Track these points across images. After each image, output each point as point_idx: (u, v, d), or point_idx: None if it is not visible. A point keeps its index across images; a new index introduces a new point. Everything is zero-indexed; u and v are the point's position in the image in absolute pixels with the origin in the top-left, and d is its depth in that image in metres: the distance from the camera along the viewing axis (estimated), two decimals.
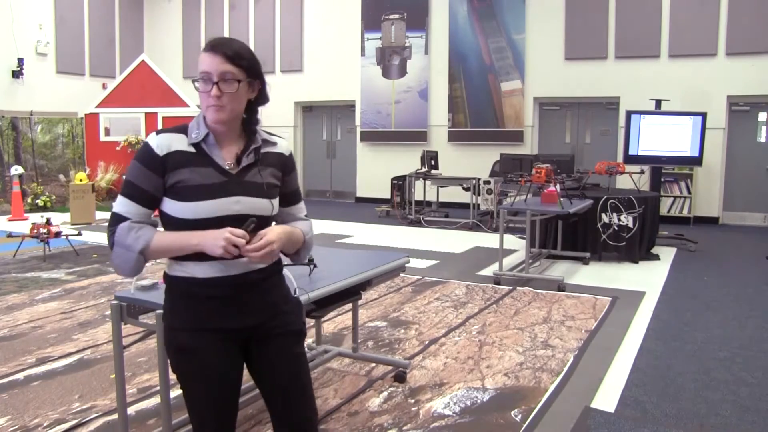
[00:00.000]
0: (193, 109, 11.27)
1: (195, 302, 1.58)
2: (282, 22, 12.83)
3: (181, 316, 1.60)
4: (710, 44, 9.23)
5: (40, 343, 3.87)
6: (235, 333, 1.61)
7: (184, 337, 1.59)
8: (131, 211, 1.54)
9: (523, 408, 2.94)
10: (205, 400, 1.62)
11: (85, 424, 2.76)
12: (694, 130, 7.72)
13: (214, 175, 1.55)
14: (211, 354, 1.58)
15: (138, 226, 1.54)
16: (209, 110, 1.56)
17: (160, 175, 1.54)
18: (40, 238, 6.43)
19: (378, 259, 3.05)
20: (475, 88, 10.94)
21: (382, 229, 8.81)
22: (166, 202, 1.56)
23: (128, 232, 1.52)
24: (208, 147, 1.58)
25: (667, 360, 3.62)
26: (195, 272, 1.57)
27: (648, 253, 6.66)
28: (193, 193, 1.53)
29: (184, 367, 1.61)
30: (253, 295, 1.62)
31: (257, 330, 1.64)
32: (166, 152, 1.54)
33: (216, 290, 1.57)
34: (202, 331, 1.58)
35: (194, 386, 1.62)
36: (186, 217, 1.54)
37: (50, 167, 11.55)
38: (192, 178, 1.53)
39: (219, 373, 1.61)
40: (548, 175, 5.39)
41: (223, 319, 1.59)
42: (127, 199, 1.55)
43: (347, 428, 2.73)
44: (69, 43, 12.88)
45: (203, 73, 1.55)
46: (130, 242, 1.51)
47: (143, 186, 1.54)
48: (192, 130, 1.58)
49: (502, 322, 4.35)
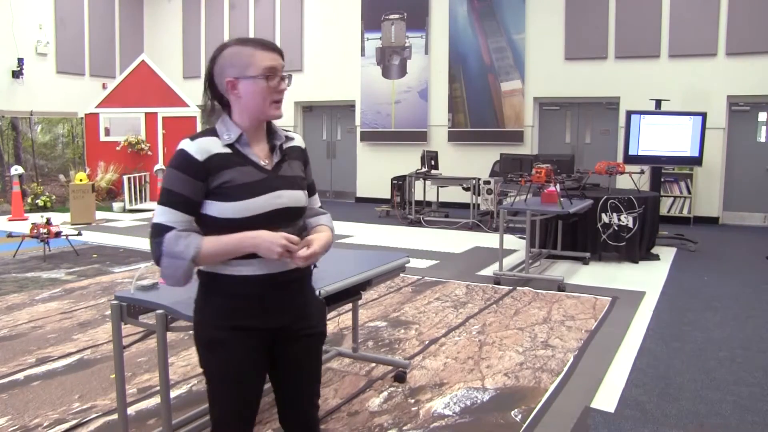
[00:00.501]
0: (193, 108, 11.28)
1: (231, 299, 1.59)
2: (282, 22, 12.83)
3: (215, 312, 1.60)
4: (710, 44, 9.23)
5: (40, 343, 3.87)
6: (265, 332, 1.63)
7: (215, 332, 1.59)
8: (175, 220, 1.52)
9: (523, 408, 2.94)
10: (228, 395, 1.63)
11: (85, 424, 2.76)
12: (694, 130, 7.72)
13: (254, 172, 1.57)
14: (239, 351, 1.60)
15: (185, 233, 1.52)
16: (273, 106, 1.59)
17: (202, 179, 1.53)
18: (40, 238, 6.43)
19: (378, 259, 3.05)
20: (475, 88, 10.94)
21: (382, 229, 8.81)
22: (211, 205, 1.54)
23: (177, 241, 1.50)
24: (242, 146, 1.59)
25: (667, 360, 3.62)
26: (239, 271, 1.57)
27: (648, 253, 6.66)
28: (240, 191, 1.53)
29: (212, 362, 1.62)
30: (288, 295, 1.64)
31: (285, 330, 1.66)
32: (206, 156, 1.54)
33: (255, 288, 1.58)
34: (234, 328, 1.59)
35: (219, 381, 1.63)
36: (236, 217, 1.53)
37: (50, 167, 11.55)
38: (237, 178, 1.54)
39: (244, 370, 1.62)
40: (548, 175, 5.39)
41: (257, 317, 1.60)
42: (169, 207, 1.53)
43: (347, 428, 2.73)
44: (69, 43, 12.88)
45: (270, 68, 1.55)
46: (180, 250, 1.50)
47: (185, 193, 1.52)
48: (222, 133, 1.58)
49: (502, 322, 4.35)
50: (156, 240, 1.52)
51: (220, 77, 1.61)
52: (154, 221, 1.54)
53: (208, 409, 1.64)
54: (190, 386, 3.21)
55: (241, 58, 1.56)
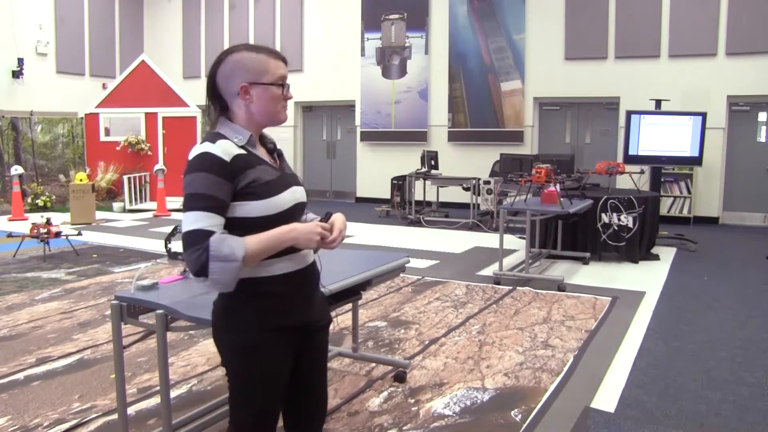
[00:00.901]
0: (193, 108, 11.28)
1: (261, 302, 1.59)
2: (282, 22, 12.83)
3: (252, 314, 1.59)
4: (710, 44, 9.23)
5: (40, 343, 3.87)
6: (298, 329, 1.66)
7: (253, 335, 1.59)
8: (214, 224, 1.49)
9: (523, 408, 2.94)
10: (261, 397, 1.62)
11: (85, 424, 2.76)
12: (694, 130, 7.72)
13: (271, 171, 1.61)
14: (277, 351, 1.61)
15: (227, 236, 1.50)
16: (282, 112, 1.66)
17: (231, 180, 1.52)
18: (40, 238, 6.43)
19: (378, 259, 3.05)
20: (475, 88, 10.94)
21: (382, 229, 8.81)
22: (240, 206, 1.54)
23: (222, 244, 1.47)
24: (252, 148, 1.62)
25: (667, 360, 3.62)
26: (270, 270, 1.58)
27: (648, 253, 6.66)
28: (268, 189, 1.56)
29: (247, 365, 1.61)
30: (312, 289, 1.70)
31: (310, 325, 1.71)
32: (231, 157, 1.54)
33: (290, 286, 1.61)
34: (273, 329, 1.60)
35: (254, 383, 1.61)
36: (268, 214, 1.55)
37: (50, 167, 11.55)
38: (262, 176, 1.56)
39: (282, 370, 1.64)
40: (548, 175, 5.39)
41: (286, 317, 1.62)
42: (204, 212, 1.48)
43: (347, 428, 2.73)
44: (69, 43, 12.88)
45: (282, 77, 1.63)
46: (228, 252, 1.46)
47: (219, 195, 1.50)
48: (232, 136, 1.59)
49: (502, 322, 4.35)
50: (197, 247, 1.46)
51: (226, 80, 1.61)
52: (189, 229, 1.48)
53: (208, 408, 1.65)
54: (190, 386, 3.21)
55: (256, 65, 1.60)
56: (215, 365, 3.50)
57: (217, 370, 3.43)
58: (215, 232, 1.48)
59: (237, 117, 1.62)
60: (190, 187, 1.51)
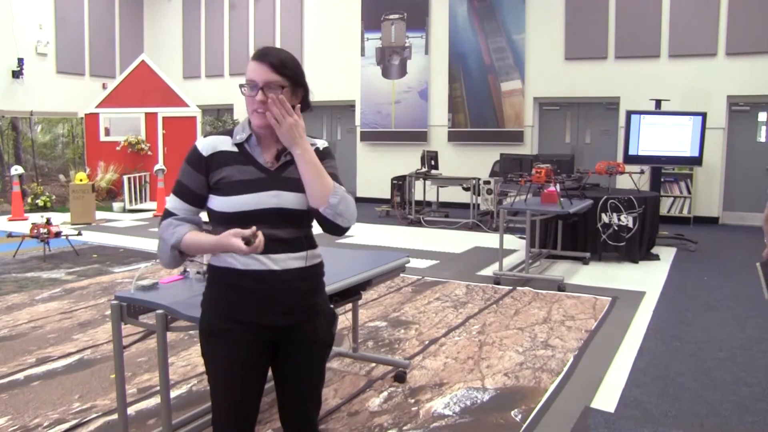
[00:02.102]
0: (193, 108, 11.28)
1: (231, 292, 1.65)
2: (282, 22, 12.83)
3: (217, 303, 1.68)
4: (710, 44, 9.23)
5: (40, 343, 3.87)
6: (265, 330, 1.66)
7: (214, 321, 1.67)
8: (178, 207, 1.68)
9: (523, 408, 2.94)
10: (222, 389, 1.68)
11: (85, 424, 2.76)
12: (694, 130, 7.72)
13: (254, 172, 1.65)
14: (234, 343, 1.65)
15: (177, 222, 1.66)
16: (254, 115, 1.65)
17: (204, 173, 1.66)
18: (40, 238, 6.43)
19: (378, 259, 3.05)
20: (475, 88, 10.94)
21: (382, 229, 8.81)
22: (211, 199, 1.66)
23: (167, 228, 1.65)
24: (250, 147, 1.68)
25: (667, 360, 3.62)
26: (235, 264, 1.63)
27: (648, 253, 6.66)
28: (233, 187, 1.62)
29: (208, 352, 1.69)
30: (290, 295, 1.66)
31: (288, 332, 1.69)
32: (211, 152, 1.67)
33: (253, 283, 1.62)
34: (235, 321, 1.65)
35: (215, 373, 1.69)
36: (227, 211, 1.62)
37: (50, 167, 11.55)
38: (233, 175, 1.64)
39: (238, 363, 1.66)
40: (548, 175, 5.39)
41: (252, 312, 1.64)
42: (175, 196, 1.69)
43: (347, 428, 2.73)
44: (69, 43, 12.88)
45: (250, 80, 1.63)
46: (167, 237, 1.64)
47: (188, 184, 1.67)
48: (237, 133, 1.70)
49: (502, 322, 4.35)
50: (161, 223, 1.69)
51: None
52: (165, 207, 1.71)
53: (208, 408, 1.67)
54: (190, 386, 3.21)
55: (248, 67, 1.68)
56: None
57: None
58: (176, 214, 1.67)
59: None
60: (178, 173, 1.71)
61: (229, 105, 13.27)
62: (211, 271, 1.71)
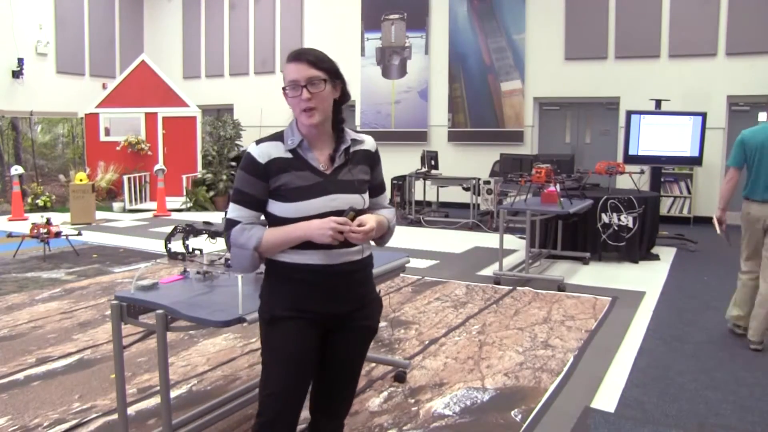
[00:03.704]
0: (193, 108, 11.28)
1: (292, 285, 1.73)
2: (282, 22, 12.82)
3: (277, 295, 1.75)
4: (710, 44, 9.23)
5: (40, 343, 3.87)
6: (322, 317, 1.74)
7: (277, 311, 1.74)
8: (242, 215, 1.73)
9: (523, 408, 2.94)
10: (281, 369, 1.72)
11: (85, 424, 2.76)
12: (694, 130, 7.72)
13: (311, 176, 1.72)
14: (296, 328, 1.72)
15: (249, 226, 1.71)
16: (303, 115, 1.71)
17: (264, 180, 1.71)
18: (40, 238, 6.43)
19: (378, 259, 3.04)
20: (475, 88, 10.94)
21: None
22: (272, 204, 1.73)
23: (241, 233, 1.70)
24: (303, 151, 1.74)
25: (667, 360, 3.62)
26: (298, 260, 1.71)
27: (648, 253, 6.66)
28: (295, 194, 1.69)
29: (270, 337, 1.75)
30: (346, 285, 1.76)
31: (341, 318, 1.78)
32: (267, 160, 1.71)
33: (314, 276, 1.72)
34: (294, 309, 1.72)
35: (275, 357, 1.74)
36: (290, 216, 1.70)
37: (50, 167, 11.55)
38: (292, 181, 1.70)
39: (299, 348, 1.72)
40: (548, 175, 5.39)
41: (315, 302, 1.73)
42: (237, 204, 1.73)
43: (347, 428, 2.72)
44: (69, 43, 12.88)
45: (291, 81, 1.69)
46: (243, 241, 1.68)
47: (249, 191, 1.72)
48: (287, 137, 1.74)
49: (502, 322, 4.35)
50: (226, 233, 1.73)
51: None
52: (227, 217, 1.75)
53: (208, 408, 1.66)
54: (190, 386, 3.21)
55: (284, 72, 1.73)
56: (215, 365, 3.50)
57: (217, 370, 3.43)
58: (240, 222, 1.71)
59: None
60: (235, 182, 1.76)
61: (229, 105, 13.27)
62: (270, 266, 1.77)
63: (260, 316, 1.81)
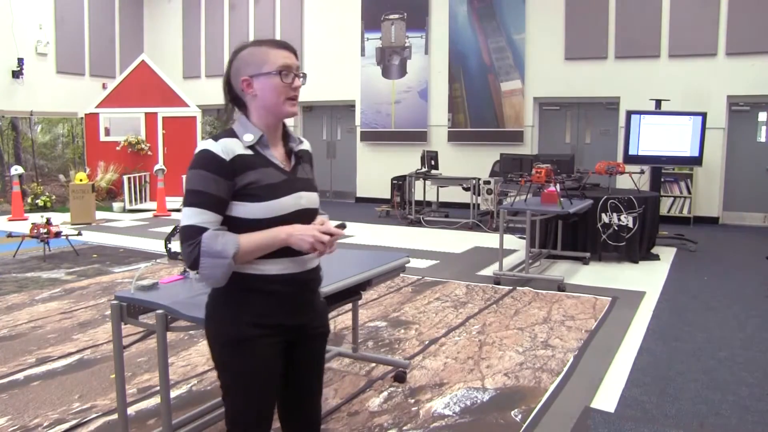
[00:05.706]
0: (193, 108, 11.28)
1: (260, 299, 1.59)
2: (282, 22, 12.83)
3: (237, 310, 1.59)
4: (710, 44, 9.23)
5: (40, 343, 3.87)
6: (287, 330, 1.64)
7: (244, 329, 1.57)
8: (208, 220, 1.51)
9: (523, 408, 2.94)
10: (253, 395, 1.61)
11: (85, 424, 2.76)
12: (694, 130, 7.72)
13: (276, 174, 1.59)
14: (268, 349, 1.60)
15: (221, 232, 1.51)
16: (287, 103, 1.61)
17: (230, 179, 1.53)
18: (40, 238, 6.43)
19: (378, 259, 3.05)
20: (475, 88, 10.94)
21: (382, 229, 8.81)
22: (237, 206, 1.55)
23: (215, 240, 1.49)
24: (263, 148, 1.61)
25: (667, 360, 3.62)
26: (269, 269, 1.58)
27: (648, 253, 6.66)
28: (267, 192, 1.55)
29: (237, 361, 1.59)
30: (309, 294, 1.69)
31: (303, 329, 1.69)
32: (232, 156, 1.54)
33: (285, 287, 1.60)
34: (260, 326, 1.58)
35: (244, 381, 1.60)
36: (263, 217, 1.54)
37: (50, 167, 11.55)
38: (262, 179, 1.56)
39: (272, 369, 1.63)
40: (548, 175, 5.39)
41: (284, 315, 1.62)
42: (198, 208, 1.51)
43: (347, 428, 2.73)
44: (69, 43, 12.88)
45: (285, 66, 1.58)
46: (220, 249, 1.48)
47: (213, 192, 1.52)
48: (242, 134, 1.59)
49: (502, 322, 4.35)
50: (191, 242, 1.49)
51: (236, 78, 1.62)
52: (185, 224, 1.52)
53: (208, 408, 1.65)
54: (190, 386, 3.21)
55: (257, 57, 1.59)
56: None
57: None
58: (208, 228, 1.50)
59: (251, 115, 1.63)
60: (188, 184, 1.55)
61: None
62: (239, 279, 1.57)
63: (216, 339, 1.62)
